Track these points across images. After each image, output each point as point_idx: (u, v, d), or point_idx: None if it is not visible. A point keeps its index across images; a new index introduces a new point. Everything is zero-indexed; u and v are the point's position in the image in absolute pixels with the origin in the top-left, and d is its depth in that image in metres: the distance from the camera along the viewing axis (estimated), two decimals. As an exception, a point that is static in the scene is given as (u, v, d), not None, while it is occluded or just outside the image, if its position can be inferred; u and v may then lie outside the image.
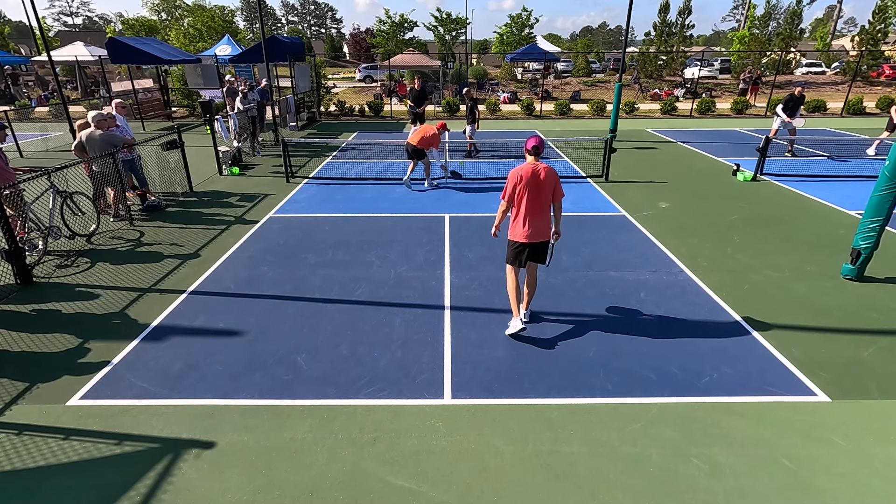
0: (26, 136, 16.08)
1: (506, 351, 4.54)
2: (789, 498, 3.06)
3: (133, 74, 21.41)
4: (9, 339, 4.81)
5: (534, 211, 4.39)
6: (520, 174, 4.33)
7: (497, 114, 21.39)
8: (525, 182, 4.31)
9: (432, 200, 9.11)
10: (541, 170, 4.33)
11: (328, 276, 6.06)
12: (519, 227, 4.48)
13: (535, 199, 4.37)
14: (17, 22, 69.04)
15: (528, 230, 4.44)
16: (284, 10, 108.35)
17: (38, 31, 11.48)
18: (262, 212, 8.56)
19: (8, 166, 6.50)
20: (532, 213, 4.39)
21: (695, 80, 25.28)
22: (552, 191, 4.39)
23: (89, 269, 6.37)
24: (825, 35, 39.46)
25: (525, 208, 4.39)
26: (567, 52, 44.20)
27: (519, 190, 4.35)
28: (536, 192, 4.34)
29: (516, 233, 4.50)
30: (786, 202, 8.86)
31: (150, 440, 3.54)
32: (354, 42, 57.30)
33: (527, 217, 4.41)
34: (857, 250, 5.76)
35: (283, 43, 18.30)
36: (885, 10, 27.35)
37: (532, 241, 4.47)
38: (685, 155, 13.02)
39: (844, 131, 16.35)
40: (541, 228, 4.47)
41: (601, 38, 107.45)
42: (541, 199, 4.38)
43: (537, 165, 4.34)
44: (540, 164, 4.35)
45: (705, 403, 3.86)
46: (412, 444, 3.50)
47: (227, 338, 4.79)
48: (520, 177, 4.33)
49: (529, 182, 4.31)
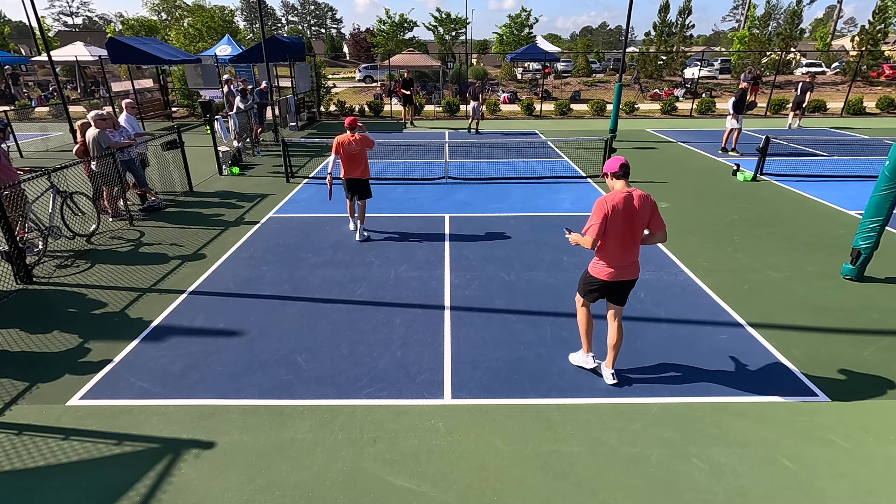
0: (26, 136, 16.07)
1: (506, 351, 4.54)
2: (789, 498, 3.06)
3: (133, 74, 21.41)
4: (9, 339, 4.81)
5: (625, 246, 3.72)
6: (610, 204, 3.61)
7: (497, 114, 21.38)
8: (617, 213, 3.61)
9: (432, 200, 9.11)
10: (635, 197, 3.64)
11: (328, 276, 6.06)
12: (604, 264, 3.81)
13: (627, 233, 3.67)
14: (17, 22, 69.03)
15: (615, 269, 3.78)
16: (284, 10, 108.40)
17: (38, 31, 11.48)
18: (262, 212, 8.56)
19: (11, 165, 6.51)
20: (623, 248, 3.72)
21: (695, 80, 25.28)
22: (647, 221, 3.71)
23: (89, 269, 6.37)
24: (825, 35, 39.43)
25: (615, 243, 3.70)
26: (567, 52, 44.19)
27: (609, 223, 3.64)
28: (630, 224, 3.65)
29: (600, 269, 3.84)
30: (786, 202, 8.86)
31: (150, 440, 3.54)
32: (354, 42, 57.32)
33: (616, 253, 3.74)
34: (857, 250, 5.76)
35: (283, 43, 18.28)
36: (885, 10, 27.32)
37: (617, 280, 3.82)
38: (685, 155, 13.02)
39: (844, 131, 16.35)
40: (630, 266, 3.81)
41: (601, 38, 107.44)
42: (634, 232, 3.68)
43: (630, 192, 3.64)
44: (634, 191, 3.65)
45: (705, 403, 3.86)
46: (412, 444, 3.50)
47: (227, 338, 4.79)
48: (611, 207, 3.61)
49: (622, 213, 3.61)
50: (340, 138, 6.87)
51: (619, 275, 3.79)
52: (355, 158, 6.93)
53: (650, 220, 3.70)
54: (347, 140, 6.84)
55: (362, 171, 7.01)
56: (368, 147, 7.04)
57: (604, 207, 3.63)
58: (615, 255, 3.75)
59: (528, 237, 7.28)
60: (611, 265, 3.78)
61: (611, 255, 3.76)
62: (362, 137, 6.93)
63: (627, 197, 3.63)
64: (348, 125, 6.89)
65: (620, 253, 3.73)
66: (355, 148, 6.88)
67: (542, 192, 9.55)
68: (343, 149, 6.85)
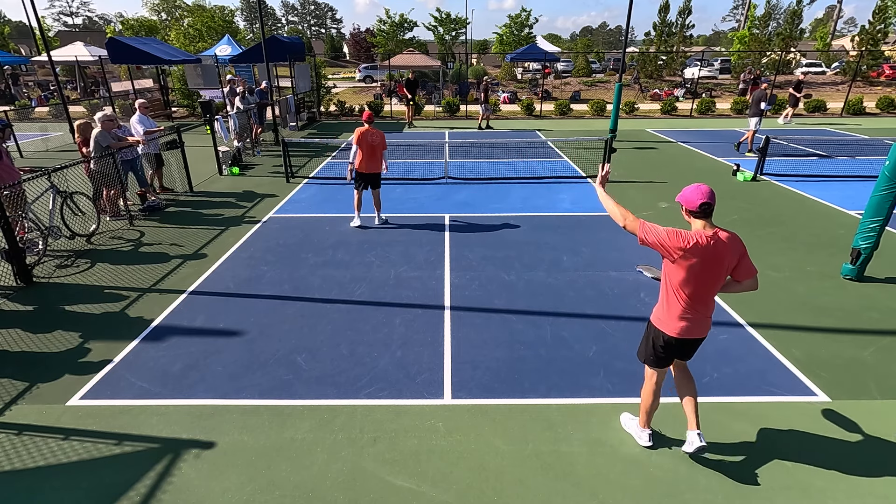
0: (26, 136, 16.05)
1: (506, 351, 4.54)
2: (789, 498, 3.06)
3: (133, 74, 21.41)
4: (9, 339, 4.81)
5: (698, 296, 2.98)
6: (689, 244, 2.85)
7: (497, 114, 21.38)
8: (696, 258, 2.87)
9: (432, 200, 9.11)
10: (720, 241, 2.87)
11: (328, 276, 6.06)
12: (673, 317, 3.06)
13: (705, 281, 2.94)
14: (17, 22, 69.05)
15: (687, 323, 3.04)
16: (284, 10, 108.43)
17: (38, 31, 11.48)
18: (262, 212, 8.56)
19: (13, 165, 6.52)
20: (697, 299, 2.98)
21: (695, 80, 25.28)
22: (733, 268, 2.95)
23: (89, 269, 6.37)
24: (825, 35, 39.44)
25: (688, 292, 2.97)
26: (567, 52, 44.19)
27: (683, 265, 2.91)
28: (710, 271, 2.91)
29: (668, 323, 3.09)
30: (786, 202, 8.86)
31: (150, 440, 3.54)
32: (354, 42, 57.34)
33: (689, 304, 3.00)
34: (857, 250, 5.76)
35: (283, 43, 18.29)
36: (885, 10, 27.34)
37: (687, 338, 3.09)
38: (685, 155, 13.02)
39: (844, 131, 16.35)
40: (705, 320, 3.08)
41: (601, 38, 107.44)
42: (715, 281, 2.95)
43: (716, 234, 2.87)
44: (719, 232, 2.89)
45: (705, 403, 3.85)
46: (412, 444, 3.50)
47: (227, 338, 4.79)
48: (687, 247, 2.85)
49: (703, 258, 2.87)
50: (362, 129, 7.21)
51: (692, 330, 3.06)
52: (376, 151, 7.29)
53: (737, 266, 2.95)
54: (368, 131, 7.22)
55: (378, 165, 7.43)
56: (383, 148, 7.41)
57: (678, 240, 2.86)
58: (687, 306, 3.01)
59: (528, 237, 7.28)
60: (682, 318, 3.04)
61: (682, 305, 3.02)
62: (381, 133, 7.32)
63: (711, 240, 2.86)
64: (366, 119, 7.29)
65: (694, 302, 3.00)
66: (376, 139, 7.23)
67: (542, 192, 9.55)
68: (366, 140, 7.20)
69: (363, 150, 7.24)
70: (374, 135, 7.23)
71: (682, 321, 3.05)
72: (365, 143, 7.20)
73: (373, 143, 7.22)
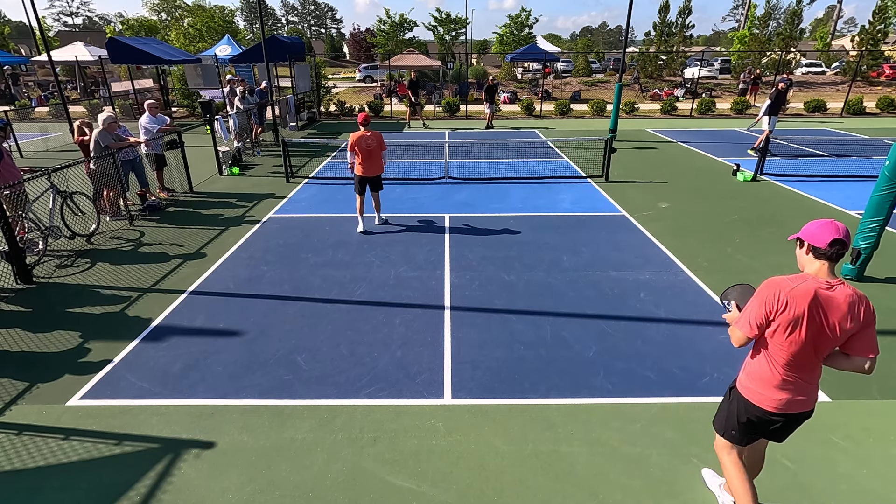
0: (26, 136, 16.06)
1: (506, 351, 4.54)
2: (789, 498, 3.06)
3: (133, 74, 21.41)
4: (9, 339, 4.81)
5: (803, 361, 2.37)
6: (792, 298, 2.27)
7: (497, 114, 21.37)
8: (802, 311, 2.25)
9: (432, 200, 9.11)
10: (843, 296, 2.25)
11: (328, 276, 6.06)
12: (769, 385, 2.46)
13: (815, 346, 2.31)
14: (17, 22, 69.04)
15: (788, 394, 2.43)
16: (284, 10, 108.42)
17: (38, 32, 11.48)
18: (262, 212, 8.56)
19: (14, 164, 6.52)
20: (801, 364, 2.38)
21: (695, 80, 25.28)
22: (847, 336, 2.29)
23: (89, 269, 6.37)
24: (825, 35, 39.45)
25: (789, 354, 2.35)
26: (567, 52, 44.19)
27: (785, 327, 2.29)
28: (819, 330, 2.27)
29: (762, 393, 2.48)
30: (786, 202, 8.86)
31: (150, 440, 3.54)
32: (354, 42, 57.35)
33: (790, 370, 2.39)
34: (857, 250, 5.76)
35: (283, 43, 18.30)
36: (885, 10, 27.34)
37: (788, 413, 2.48)
38: (685, 155, 13.02)
39: (844, 131, 16.35)
40: (812, 392, 2.47)
41: (601, 38, 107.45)
42: (823, 343, 2.31)
43: (833, 288, 2.27)
44: (839, 286, 2.27)
45: (705, 403, 3.85)
46: (412, 444, 3.50)
47: (227, 338, 4.79)
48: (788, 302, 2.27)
49: (812, 312, 2.24)
50: (356, 135, 7.04)
51: (793, 404, 2.45)
52: (372, 154, 7.11)
53: (855, 335, 2.27)
54: (362, 136, 7.04)
55: (378, 167, 7.27)
56: (383, 149, 7.24)
57: (775, 301, 2.29)
58: (790, 373, 2.39)
59: (528, 237, 7.28)
60: (783, 388, 2.42)
61: (784, 371, 2.40)
62: (379, 134, 7.13)
63: (829, 290, 2.25)
64: (361, 122, 7.09)
65: (799, 372, 2.39)
66: (371, 143, 7.05)
67: (542, 192, 9.56)
68: (359, 145, 7.04)
69: (360, 154, 7.12)
70: (369, 139, 7.02)
71: (782, 391, 2.43)
72: (360, 148, 7.05)
73: (368, 147, 7.04)
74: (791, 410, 2.46)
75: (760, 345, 2.47)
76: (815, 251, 2.33)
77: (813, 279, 2.30)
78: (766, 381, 2.46)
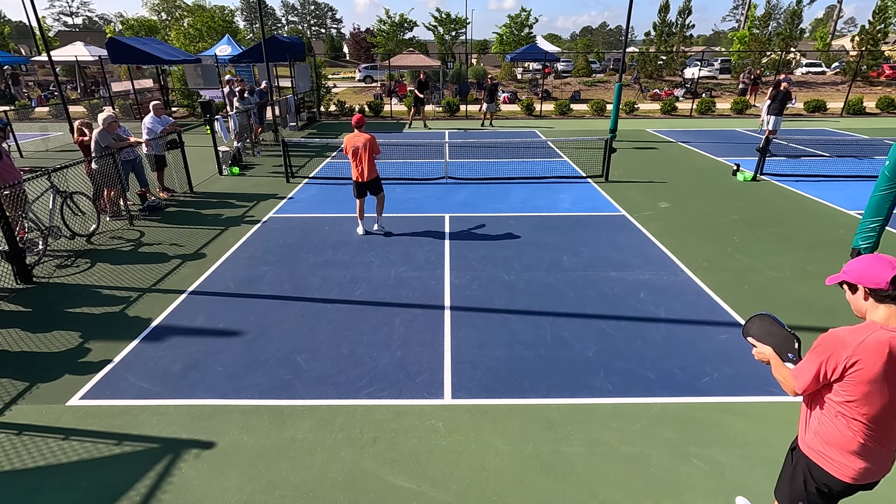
0: (26, 136, 16.06)
1: (506, 351, 4.54)
2: None
3: (133, 74, 21.41)
4: (9, 339, 4.81)
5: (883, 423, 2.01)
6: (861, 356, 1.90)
7: (497, 114, 21.37)
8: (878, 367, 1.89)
9: (432, 200, 9.11)
10: None
11: (328, 276, 6.06)
12: (845, 451, 2.07)
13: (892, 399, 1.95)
14: (17, 22, 69.05)
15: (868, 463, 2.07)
16: (284, 10, 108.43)
17: (38, 32, 11.49)
18: (262, 212, 8.56)
19: (14, 164, 6.52)
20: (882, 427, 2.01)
21: (695, 80, 25.27)
22: None
23: (89, 269, 6.37)
24: (825, 35, 39.45)
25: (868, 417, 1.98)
26: (567, 52, 44.19)
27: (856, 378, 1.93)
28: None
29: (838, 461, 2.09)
30: (786, 202, 8.86)
31: (150, 440, 3.54)
32: (354, 42, 57.36)
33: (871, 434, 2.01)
34: (857, 250, 5.76)
35: (283, 43, 18.29)
36: (885, 10, 27.35)
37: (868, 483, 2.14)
38: (685, 155, 13.02)
39: (844, 131, 16.35)
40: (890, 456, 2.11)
41: (601, 38, 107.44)
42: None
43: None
44: None
45: (705, 403, 3.86)
46: (412, 444, 3.50)
47: (227, 338, 4.79)
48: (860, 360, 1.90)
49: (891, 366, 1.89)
50: (348, 138, 7.03)
51: (873, 472, 2.09)
52: (361, 157, 7.01)
53: None
54: (351, 138, 7.01)
55: (369, 173, 7.07)
56: (375, 152, 7.04)
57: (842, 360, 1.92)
58: (870, 437, 2.01)
59: (528, 237, 7.28)
60: (861, 454, 2.04)
61: (864, 435, 2.01)
62: (370, 137, 6.98)
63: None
64: (355, 124, 7.02)
65: (880, 434, 2.01)
66: (358, 143, 6.98)
67: (542, 192, 9.55)
68: (348, 147, 7.03)
69: (350, 157, 7.03)
70: (356, 140, 6.91)
71: (861, 460, 2.04)
72: (349, 150, 6.98)
73: (355, 148, 6.92)
74: (871, 480, 2.11)
75: (833, 407, 2.04)
76: (875, 294, 1.96)
77: (882, 328, 1.91)
78: (842, 447, 2.06)
